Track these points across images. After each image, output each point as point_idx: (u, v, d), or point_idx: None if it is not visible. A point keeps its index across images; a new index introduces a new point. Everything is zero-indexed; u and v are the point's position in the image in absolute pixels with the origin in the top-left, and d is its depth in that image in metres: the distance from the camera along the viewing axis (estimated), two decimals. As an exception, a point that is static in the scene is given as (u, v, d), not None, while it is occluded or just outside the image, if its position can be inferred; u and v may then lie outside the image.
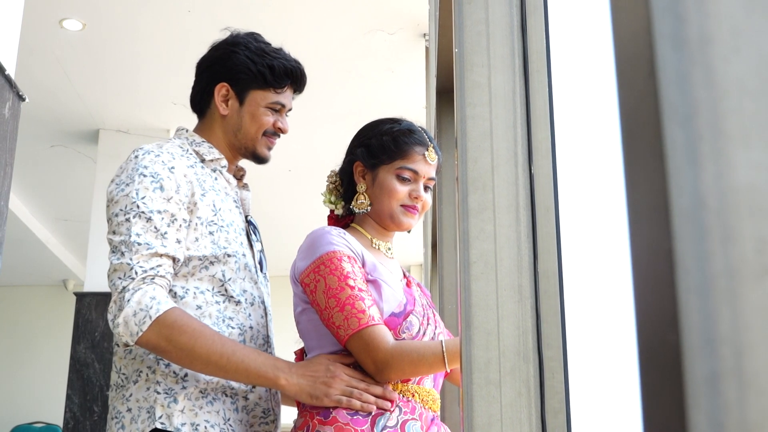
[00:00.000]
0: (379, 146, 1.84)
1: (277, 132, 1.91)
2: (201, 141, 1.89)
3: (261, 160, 1.92)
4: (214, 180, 1.85)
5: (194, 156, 1.86)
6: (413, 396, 1.73)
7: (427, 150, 1.84)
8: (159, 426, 1.65)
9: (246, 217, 1.93)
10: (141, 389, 1.69)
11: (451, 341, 1.66)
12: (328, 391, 1.65)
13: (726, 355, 0.36)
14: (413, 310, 1.75)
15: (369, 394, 1.66)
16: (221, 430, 1.69)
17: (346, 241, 1.75)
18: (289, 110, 1.94)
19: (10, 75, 2.98)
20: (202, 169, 1.84)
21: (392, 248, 1.91)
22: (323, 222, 1.94)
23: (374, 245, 1.86)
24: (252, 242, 1.90)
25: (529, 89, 1.32)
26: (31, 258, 8.32)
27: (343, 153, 1.95)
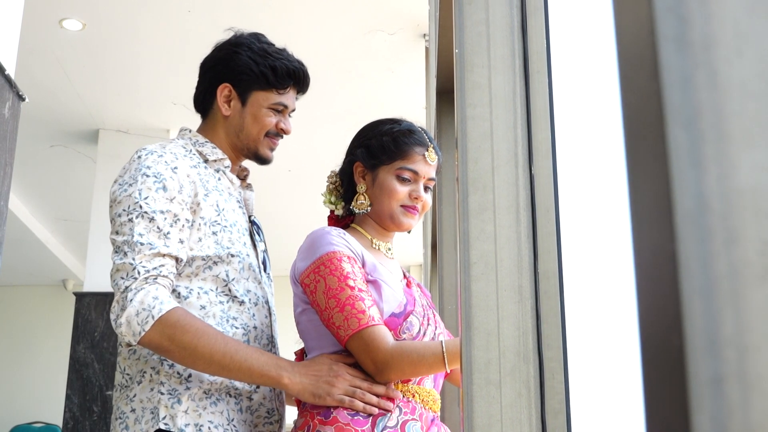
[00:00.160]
0: (379, 147, 1.84)
1: (279, 133, 1.91)
2: (204, 141, 1.89)
3: (263, 160, 1.92)
4: (217, 180, 1.85)
5: (197, 156, 1.86)
6: (413, 396, 1.72)
7: (427, 150, 1.84)
8: (162, 427, 1.65)
9: (249, 217, 1.93)
10: (145, 390, 1.69)
11: (451, 342, 1.66)
12: (331, 390, 1.65)
13: (729, 357, 0.36)
14: (413, 311, 1.75)
15: (372, 393, 1.66)
16: (225, 431, 1.69)
17: (346, 241, 1.75)
18: (292, 111, 1.93)
19: (10, 75, 2.98)
20: (206, 170, 1.84)
21: (392, 248, 1.91)
22: (323, 222, 1.94)
23: (374, 246, 1.86)
24: (255, 242, 1.90)
25: (529, 90, 1.32)
26: (31, 258, 8.32)
27: (343, 153, 1.94)
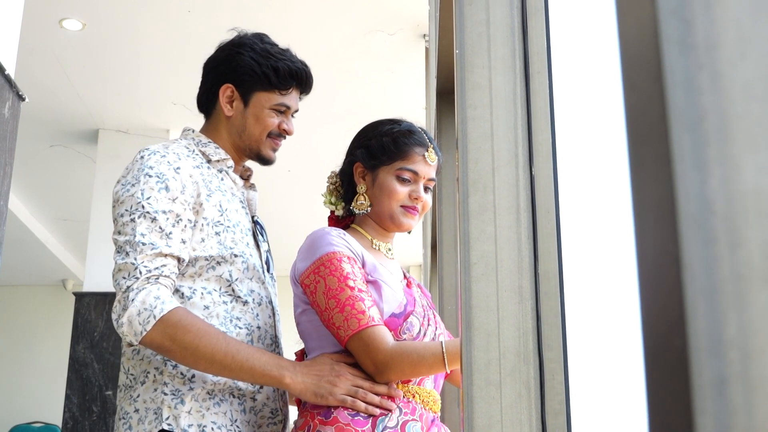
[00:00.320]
0: (379, 147, 1.84)
1: (282, 133, 1.91)
2: (207, 141, 1.89)
3: (266, 161, 1.92)
4: (220, 180, 1.85)
5: (200, 156, 1.86)
6: (414, 397, 1.72)
7: (427, 151, 1.84)
8: (166, 427, 1.65)
9: (252, 217, 1.93)
10: (148, 390, 1.69)
11: (451, 342, 1.66)
12: (333, 390, 1.65)
13: (733, 359, 0.36)
14: (413, 311, 1.75)
15: (374, 393, 1.66)
16: None
17: (346, 241, 1.75)
18: (295, 111, 1.93)
19: (10, 75, 2.98)
20: (209, 170, 1.84)
21: (392, 249, 1.91)
22: (323, 222, 1.94)
23: (374, 246, 1.86)
24: (258, 242, 1.90)
25: (529, 91, 1.32)
26: (31, 258, 8.31)
27: (343, 153, 1.94)
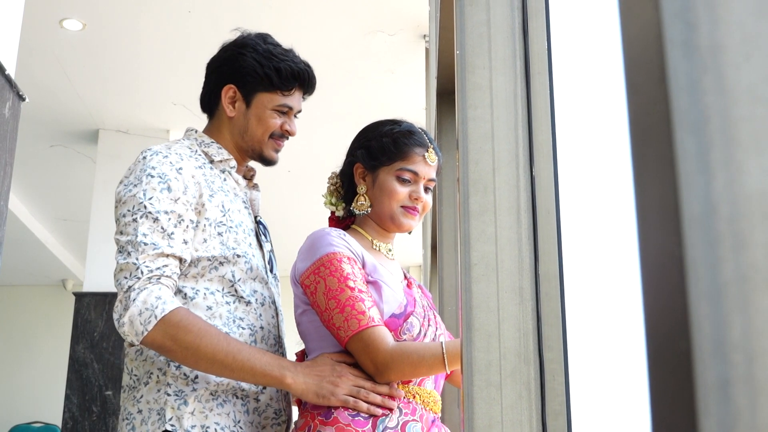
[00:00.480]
0: (379, 148, 1.84)
1: (284, 134, 1.91)
2: (210, 142, 1.89)
3: (268, 162, 1.92)
4: (222, 181, 1.85)
5: (203, 157, 1.86)
6: (414, 397, 1.72)
7: (427, 151, 1.84)
8: (169, 428, 1.65)
9: (255, 217, 1.92)
10: (151, 391, 1.69)
11: (452, 343, 1.66)
12: (334, 390, 1.65)
13: (737, 361, 0.36)
14: (414, 312, 1.75)
15: (375, 393, 1.66)
16: None
17: (346, 242, 1.75)
18: (298, 112, 1.93)
19: (10, 75, 2.98)
20: (211, 170, 1.84)
21: (393, 249, 1.91)
22: (324, 223, 1.94)
23: (375, 246, 1.86)
24: (261, 243, 1.90)
25: (530, 91, 1.32)
26: (31, 258, 8.31)
27: (343, 154, 1.94)
